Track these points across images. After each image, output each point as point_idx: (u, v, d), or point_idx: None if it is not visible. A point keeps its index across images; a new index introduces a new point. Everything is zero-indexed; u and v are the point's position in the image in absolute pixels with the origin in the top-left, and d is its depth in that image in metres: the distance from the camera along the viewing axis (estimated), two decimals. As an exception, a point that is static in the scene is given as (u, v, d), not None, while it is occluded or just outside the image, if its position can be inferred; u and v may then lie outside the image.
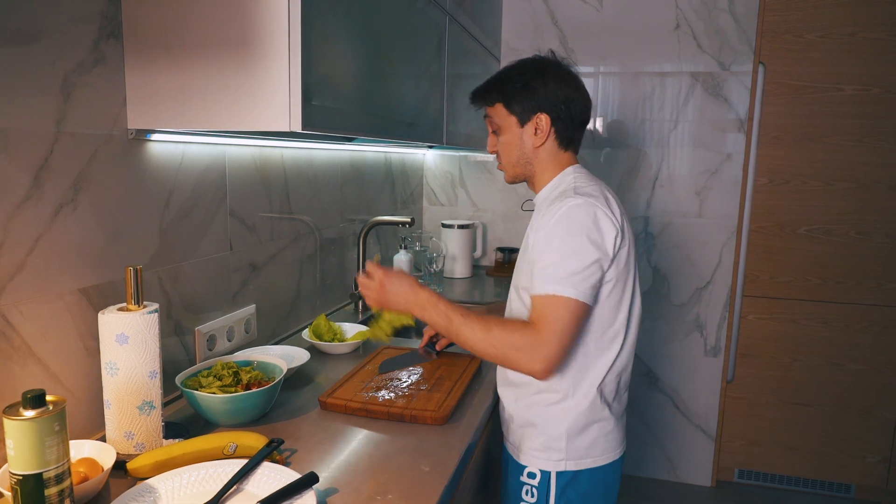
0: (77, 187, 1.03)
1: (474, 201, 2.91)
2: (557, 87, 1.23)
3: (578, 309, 1.12)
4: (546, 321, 1.11)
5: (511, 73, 1.27)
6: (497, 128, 1.30)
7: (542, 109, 1.24)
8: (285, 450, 1.08)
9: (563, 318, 1.11)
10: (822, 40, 2.43)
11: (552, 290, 1.11)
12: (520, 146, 1.28)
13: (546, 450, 1.24)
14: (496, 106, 1.29)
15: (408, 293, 1.22)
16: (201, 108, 1.09)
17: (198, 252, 1.35)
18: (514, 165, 1.31)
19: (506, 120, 1.28)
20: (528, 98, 1.24)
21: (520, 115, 1.26)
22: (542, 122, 1.25)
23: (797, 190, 2.53)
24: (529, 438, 1.26)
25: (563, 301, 1.11)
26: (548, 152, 1.28)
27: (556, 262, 1.13)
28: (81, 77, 1.03)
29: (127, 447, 1.02)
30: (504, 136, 1.29)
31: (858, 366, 2.56)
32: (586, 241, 1.13)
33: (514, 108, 1.26)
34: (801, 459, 2.68)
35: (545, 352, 1.10)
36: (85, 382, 1.08)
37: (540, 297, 1.13)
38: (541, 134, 1.25)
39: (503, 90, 1.27)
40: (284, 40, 1.02)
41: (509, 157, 1.30)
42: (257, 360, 1.28)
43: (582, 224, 1.14)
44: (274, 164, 1.62)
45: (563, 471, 1.23)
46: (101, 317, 0.99)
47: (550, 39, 2.69)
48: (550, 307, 1.11)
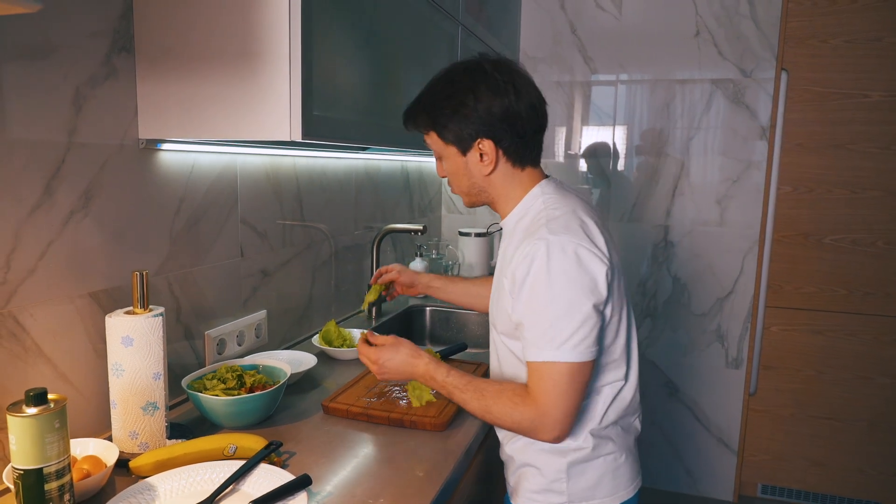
0: (88, 195, 1.08)
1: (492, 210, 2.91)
2: (492, 102, 1.06)
3: (582, 370, 1.01)
4: (545, 391, 1.00)
5: (437, 95, 1.11)
6: (438, 155, 1.16)
7: (481, 134, 1.08)
8: (284, 452, 1.11)
9: (562, 385, 1.00)
10: (847, 46, 2.38)
11: (550, 358, 1.00)
12: (468, 175, 1.13)
13: (545, 492, 1.12)
14: (430, 135, 1.14)
15: (405, 366, 1.16)
16: (207, 118, 1.13)
17: (208, 258, 1.39)
18: (466, 194, 1.17)
19: (444, 150, 1.13)
20: (461, 124, 1.08)
21: (458, 144, 1.10)
22: (486, 147, 1.09)
23: (822, 198, 2.47)
24: (527, 480, 1.14)
25: (564, 367, 0.99)
26: (503, 176, 1.12)
27: (547, 327, 1.00)
28: (93, 90, 1.07)
29: (131, 446, 1.06)
30: (447, 165, 1.15)
31: (888, 379, 2.48)
32: (576, 291, 0.99)
33: (449, 137, 1.11)
34: (829, 475, 2.60)
35: (549, 425, 1.01)
36: (93, 383, 1.12)
37: (537, 364, 1.01)
38: (487, 161, 1.10)
39: (432, 116, 1.11)
40: (285, 53, 1.05)
41: (459, 185, 1.16)
42: (263, 364, 1.31)
43: (566, 274, 0.99)
44: (286, 172, 1.66)
45: None
46: (108, 319, 1.03)
47: (569, 48, 2.69)
48: (548, 377, 1.00)
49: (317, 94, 1.11)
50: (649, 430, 2.78)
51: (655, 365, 2.74)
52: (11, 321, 0.96)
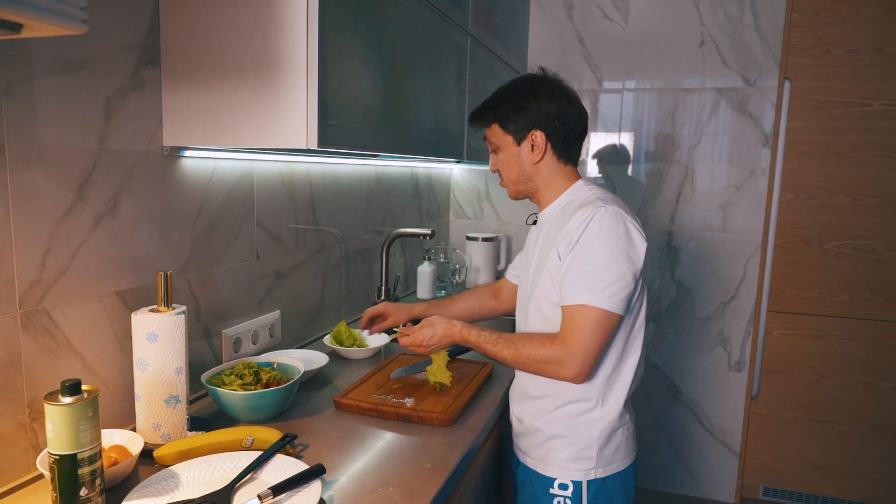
0: (116, 199, 1.14)
1: (499, 215, 2.97)
2: (549, 103, 1.28)
3: (611, 320, 1.17)
4: (576, 332, 1.16)
5: (503, 94, 1.32)
6: (496, 147, 1.35)
7: (536, 126, 1.29)
8: (298, 444, 1.16)
9: (593, 329, 1.16)
10: (849, 55, 2.42)
11: (585, 301, 1.16)
12: (519, 163, 1.32)
13: (577, 460, 1.26)
14: (492, 127, 1.34)
15: (444, 337, 1.31)
16: (228, 127, 1.19)
17: (226, 260, 1.45)
18: (515, 182, 1.35)
19: (502, 139, 1.32)
20: (521, 116, 1.29)
21: (515, 134, 1.31)
22: (538, 139, 1.29)
23: (824, 205, 2.51)
24: (557, 450, 1.28)
25: (595, 312, 1.16)
26: (548, 167, 1.32)
27: (590, 273, 1.16)
28: (122, 100, 1.14)
29: (154, 437, 1.12)
30: (503, 155, 1.34)
31: (889, 384, 2.51)
32: (620, 252, 1.17)
33: (509, 127, 1.31)
34: (830, 479, 2.63)
35: (575, 362, 1.17)
36: (118, 377, 1.18)
37: (571, 307, 1.18)
38: (537, 150, 1.29)
39: (497, 111, 1.32)
40: (302, 65, 1.11)
41: (510, 174, 1.34)
42: (277, 362, 1.37)
43: (614, 235, 1.17)
44: (300, 178, 1.72)
45: (593, 479, 1.26)
46: (134, 317, 1.09)
47: (576, 57, 2.75)
48: (582, 318, 1.16)
49: (332, 104, 1.17)
50: (653, 432, 2.82)
51: (659, 368, 2.78)
52: (45, 317, 1.03)
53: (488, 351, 1.27)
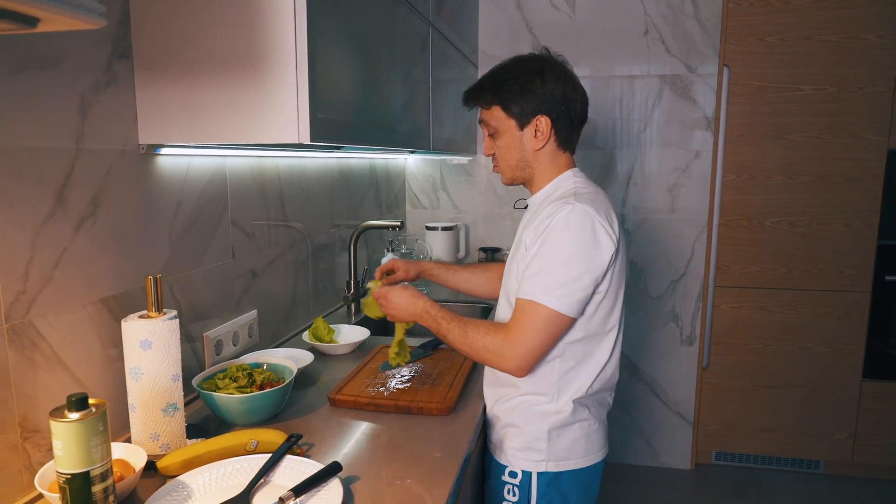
0: (96, 202, 1.08)
1: (456, 203, 2.99)
2: (556, 86, 1.21)
3: (558, 320, 1.14)
4: (522, 327, 1.14)
5: (506, 75, 1.24)
6: (494, 131, 1.27)
7: (542, 111, 1.21)
8: (303, 444, 1.15)
9: (538, 327, 1.13)
10: (781, 43, 2.57)
11: (537, 298, 1.13)
12: (519, 149, 1.25)
13: (526, 450, 1.25)
14: (493, 109, 1.25)
15: (408, 304, 1.29)
16: (210, 123, 1.15)
17: (203, 261, 1.40)
18: (513, 169, 1.28)
19: (503, 123, 1.25)
20: (526, 100, 1.21)
21: (519, 118, 1.23)
22: (542, 125, 1.22)
23: (762, 184, 2.67)
24: (510, 438, 1.27)
25: (544, 311, 1.13)
26: (548, 154, 1.26)
27: (545, 270, 1.13)
28: (97, 96, 1.08)
29: (153, 448, 1.07)
30: (502, 140, 1.26)
31: (824, 348, 2.71)
32: (581, 252, 1.13)
33: (513, 110, 1.23)
34: (774, 439, 2.82)
35: (513, 354, 1.15)
36: (106, 387, 1.13)
37: (523, 301, 1.15)
38: (541, 136, 1.23)
39: (500, 93, 1.23)
40: (291, 56, 1.08)
41: (508, 160, 1.28)
42: (267, 363, 1.34)
43: (578, 234, 1.13)
44: (270, 173, 1.68)
45: (543, 471, 1.25)
46: (125, 324, 1.04)
47: (525, 45, 2.79)
48: (530, 314, 1.14)
49: (321, 96, 1.14)
50: (613, 409, 2.92)
51: (615, 346, 2.89)
52: (32, 330, 0.96)
53: (441, 328, 1.24)
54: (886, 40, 2.47)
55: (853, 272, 2.64)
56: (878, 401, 2.69)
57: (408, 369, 1.49)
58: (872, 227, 2.60)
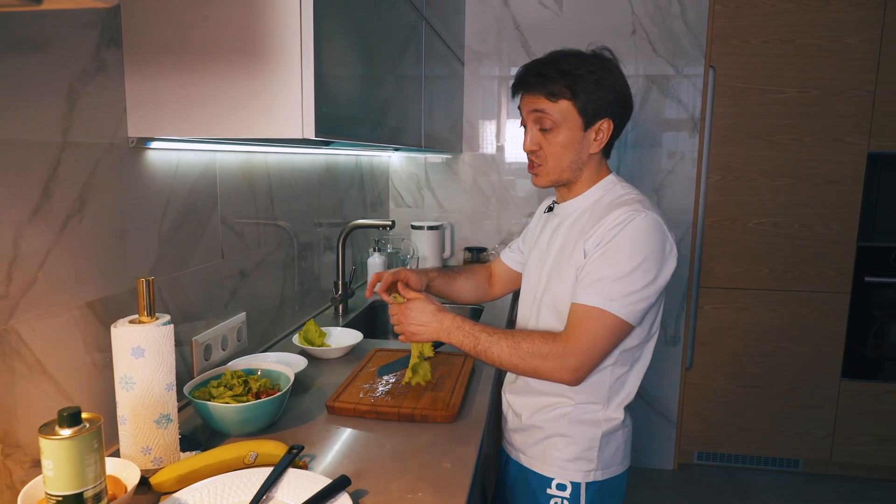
0: (83, 198, 1.01)
1: (440, 202, 2.94)
2: (624, 87, 1.15)
3: (623, 329, 1.10)
4: (584, 333, 1.09)
5: (580, 69, 1.12)
6: (552, 125, 1.15)
7: (610, 114, 1.14)
8: (304, 455, 1.09)
9: (600, 334, 1.08)
10: (765, 45, 2.59)
11: (601, 305, 1.08)
12: (576, 150, 1.16)
13: (578, 460, 1.21)
14: (560, 102, 1.13)
15: (433, 320, 1.20)
16: (206, 115, 1.08)
17: (193, 261, 1.33)
18: (562, 170, 1.18)
19: (569, 120, 1.14)
20: (601, 100, 1.13)
21: (587, 118, 1.14)
22: (605, 127, 1.15)
23: (746, 186, 2.69)
24: (558, 449, 1.21)
25: (609, 318, 1.08)
26: (597, 158, 1.20)
27: (613, 277, 1.08)
28: (85, 85, 1.00)
29: (144, 462, 1.00)
30: (559, 137, 1.15)
31: (804, 348, 2.75)
32: (650, 263, 1.08)
33: (587, 108, 1.13)
34: (754, 439, 2.85)
35: (574, 362, 1.09)
36: (93, 397, 1.05)
37: (583, 306, 1.09)
38: (600, 140, 1.16)
39: (574, 86, 1.11)
40: (296, 47, 1.02)
41: (561, 160, 1.17)
42: (261, 369, 1.28)
43: (650, 245, 1.08)
44: (259, 169, 1.61)
45: (591, 481, 1.21)
46: (115, 330, 0.97)
47: (512, 43, 2.75)
48: (591, 320, 1.08)
49: (326, 89, 1.09)
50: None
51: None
52: (15, 337, 0.89)
53: (482, 342, 1.14)
54: (868, 44, 2.51)
55: (833, 273, 2.68)
56: (856, 400, 2.74)
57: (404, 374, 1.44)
58: (852, 229, 2.64)
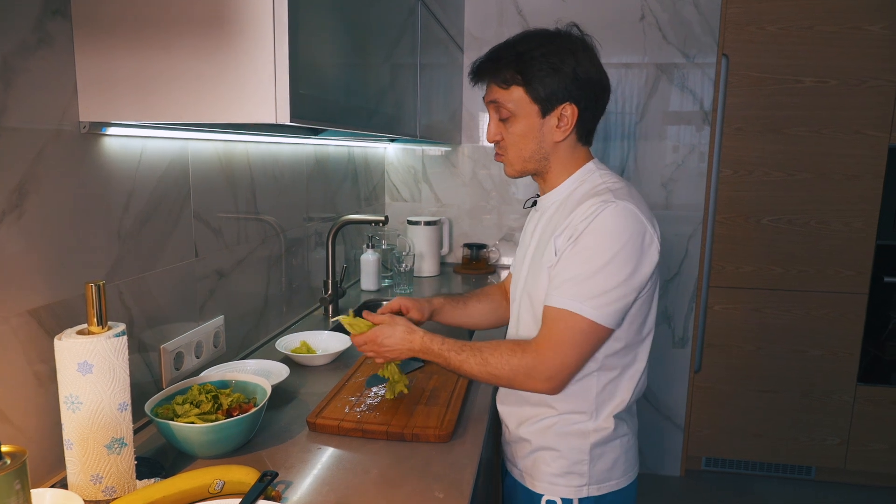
0: (22, 191, 0.88)
1: (438, 196, 2.81)
2: (589, 70, 1.05)
3: (596, 332, 1.01)
4: (554, 340, 1.01)
5: (533, 51, 1.04)
6: (508, 115, 1.09)
7: (570, 98, 1.05)
8: (279, 483, 0.96)
9: (571, 339, 1.00)
10: (782, 32, 2.45)
11: (572, 307, 0.99)
12: (537, 139, 1.09)
13: (566, 475, 1.11)
14: (511, 89, 1.06)
15: (402, 343, 1.12)
16: (169, 98, 0.95)
17: (161, 260, 1.20)
18: (525, 161, 1.11)
19: (523, 107, 1.07)
20: (556, 84, 1.04)
21: (543, 104, 1.06)
22: (568, 114, 1.06)
23: (760, 181, 2.56)
24: (546, 463, 1.12)
25: (581, 322, 0.99)
26: (568, 147, 1.11)
27: (583, 276, 0.99)
28: (24, 61, 0.87)
29: (94, 492, 0.88)
30: (517, 126, 1.09)
31: (819, 351, 2.62)
32: (625, 258, 0.99)
33: (539, 93, 1.05)
34: (765, 445, 2.73)
35: (545, 372, 1.01)
36: (36, 418, 0.93)
37: (555, 310, 1.01)
38: (564, 127, 1.07)
39: (525, 71, 1.04)
40: (269, 17, 0.89)
41: (521, 150, 1.10)
42: (235, 380, 1.15)
43: (623, 237, 0.99)
44: (239, 160, 1.48)
45: (585, 497, 1.11)
46: (59, 343, 0.84)
47: (515, 29, 2.61)
48: (564, 325, 1.00)
49: (302, 69, 0.96)
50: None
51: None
52: (-66, 353, 0.76)
53: (452, 361, 1.08)
54: (890, 32, 2.37)
55: (851, 273, 2.55)
56: (872, 406, 2.61)
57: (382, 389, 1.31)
58: (871, 226, 2.51)
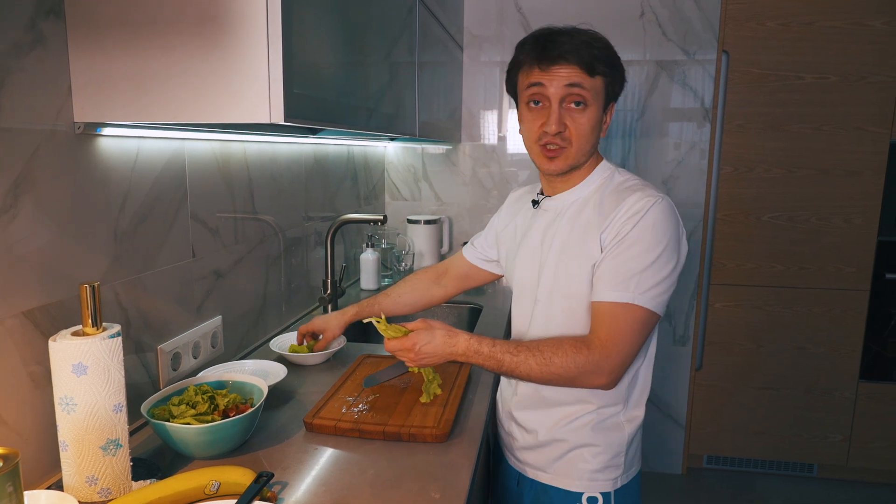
0: (17, 192, 0.88)
1: (438, 195, 2.80)
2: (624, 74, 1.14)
3: (651, 321, 1.06)
4: (617, 333, 1.03)
5: (609, 47, 1.10)
6: (586, 102, 1.09)
7: (616, 99, 1.15)
8: (275, 484, 0.96)
9: (632, 330, 1.04)
10: (782, 28, 2.44)
11: (630, 300, 1.03)
12: (598, 133, 1.13)
13: (607, 469, 1.16)
14: (596, 79, 1.08)
15: (444, 347, 1.10)
16: (163, 98, 0.94)
17: (158, 261, 1.20)
18: (586, 153, 1.13)
19: (599, 99, 1.10)
20: (621, 81, 1.13)
21: (608, 101, 1.13)
22: (611, 111, 1.15)
23: (761, 178, 2.55)
24: (584, 461, 1.16)
25: (640, 312, 1.04)
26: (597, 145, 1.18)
27: (639, 270, 1.04)
28: (17, 60, 0.87)
29: (90, 494, 0.88)
30: (590, 115, 1.10)
31: (820, 349, 2.61)
32: (671, 250, 1.05)
33: (614, 88, 1.12)
34: (767, 442, 2.72)
35: (611, 365, 1.04)
36: (32, 419, 0.93)
37: (610, 304, 1.04)
38: (607, 124, 1.16)
39: (611, 65, 1.09)
40: (262, 18, 0.89)
41: (588, 142, 1.11)
42: (231, 381, 1.15)
43: (670, 231, 1.06)
44: (236, 159, 1.47)
45: (619, 487, 1.17)
46: (53, 344, 0.84)
47: (514, 26, 2.61)
48: (622, 317, 1.04)
49: (297, 68, 0.95)
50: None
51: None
52: (-72, 355, 0.76)
53: (506, 363, 1.07)
54: (893, 27, 2.36)
55: (852, 270, 2.54)
56: (874, 402, 2.60)
57: (398, 382, 1.31)
58: (873, 222, 2.50)
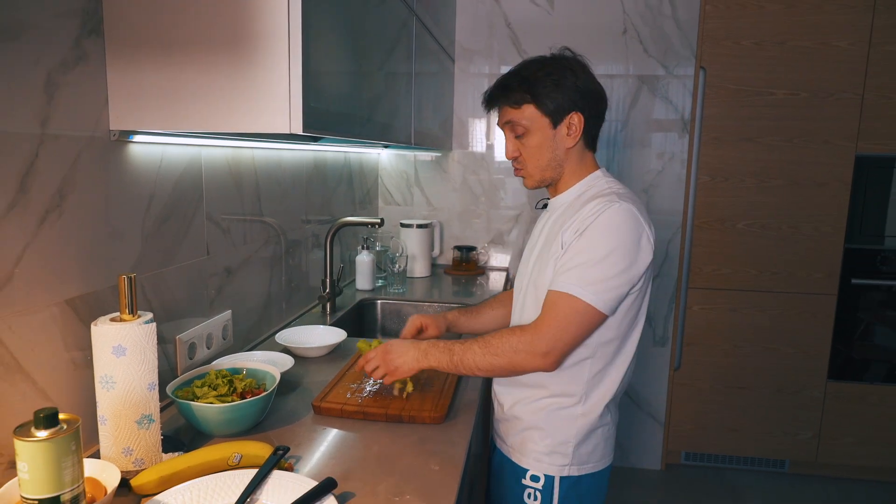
0: (62, 193, 0.98)
1: (430, 200, 2.92)
2: (587, 82, 1.20)
3: (593, 316, 1.12)
4: (553, 318, 1.12)
5: (537, 72, 1.20)
6: (524, 131, 1.22)
7: (576, 107, 1.19)
8: (290, 457, 1.07)
9: (568, 318, 1.11)
10: (756, 47, 2.59)
11: (572, 291, 1.11)
12: (552, 148, 1.22)
13: (552, 454, 1.23)
14: (523, 108, 1.20)
15: (409, 348, 1.22)
16: (191, 109, 1.05)
17: (177, 258, 1.30)
18: (543, 169, 1.24)
19: (536, 122, 1.20)
20: (562, 97, 1.18)
21: (553, 115, 1.20)
22: (576, 121, 1.20)
23: (736, 187, 2.69)
24: (534, 441, 1.24)
25: (579, 304, 1.11)
26: (577, 153, 1.24)
27: (585, 264, 1.11)
28: (64, 76, 0.97)
29: (125, 463, 0.98)
30: (532, 139, 1.22)
31: (791, 349, 2.76)
32: (623, 252, 1.11)
33: (548, 107, 1.19)
34: (741, 439, 2.86)
35: (543, 346, 1.12)
36: (72, 397, 1.02)
37: (556, 293, 1.13)
38: (573, 134, 1.21)
39: (533, 90, 1.19)
40: (284, 40, 1.00)
41: (538, 160, 1.23)
42: (246, 368, 1.25)
43: (623, 233, 1.12)
44: (246, 164, 1.58)
45: (566, 476, 1.23)
46: (95, 328, 0.94)
47: (503, 41, 2.74)
48: (562, 306, 1.12)
49: (314, 82, 1.06)
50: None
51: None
52: (-10, 335, 0.86)
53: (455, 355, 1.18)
54: (857, 47, 2.52)
55: (821, 275, 2.69)
56: (842, 401, 2.75)
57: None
58: (840, 230, 2.65)
